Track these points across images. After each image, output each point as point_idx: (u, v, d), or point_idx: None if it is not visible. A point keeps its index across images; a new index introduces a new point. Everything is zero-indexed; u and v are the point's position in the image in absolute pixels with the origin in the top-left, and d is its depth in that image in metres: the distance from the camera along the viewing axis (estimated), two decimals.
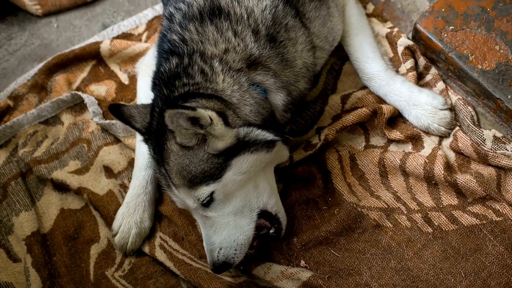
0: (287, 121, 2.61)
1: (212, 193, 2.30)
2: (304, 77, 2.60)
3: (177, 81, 2.37)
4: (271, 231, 2.49)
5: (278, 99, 2.50)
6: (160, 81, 2.44)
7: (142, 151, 2.80)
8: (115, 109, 2.47)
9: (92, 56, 3.32)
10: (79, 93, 3.15)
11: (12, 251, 2.84)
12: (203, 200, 2.30)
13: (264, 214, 2.44)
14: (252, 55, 2.41)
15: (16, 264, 2.81)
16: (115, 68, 3.29)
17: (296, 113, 2.70)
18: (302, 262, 2.54)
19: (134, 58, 3.25)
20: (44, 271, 2.74)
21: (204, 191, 2.29)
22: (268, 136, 2.33)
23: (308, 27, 2.61)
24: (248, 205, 2.39)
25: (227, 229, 2.37)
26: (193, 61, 2.37)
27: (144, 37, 3.37)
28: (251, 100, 2.38)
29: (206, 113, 2.18)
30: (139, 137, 2.83)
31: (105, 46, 3.28)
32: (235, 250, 2.37)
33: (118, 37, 3.40)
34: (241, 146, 2.29)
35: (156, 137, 2.36)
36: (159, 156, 2.36)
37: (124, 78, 3.25)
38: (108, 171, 2.96)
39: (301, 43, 2.56)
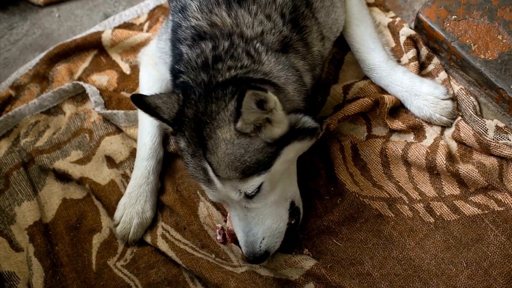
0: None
1: (261, 184, 2.25)
2: (319, 65, 2.62)
3: (219, 64, 2.27)
4: (293, 221, 2.49)
5: (307, 80, 2.49)
6: (190, 68, 2.33)
7: (144, 141, 2.80)
8: (139, 101, 2.29)
9: (94, 46, 3.31)
10: (81, 83, 3.15)
11: (14, 240, 2.85)
12: (252, 192, 2.25)
13: (291, 206, 2.44)
14: (286, 37, 2.40)
15: (19, 253, 2.81)
16: (116, 58, 3.28)
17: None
18: (306, 250, 2.55)
19: (135, 48, 3.24)
20: (47, 261, 2.75)
21: (255, 182, 2.22)
22: (313, 124, 2.33)
23: (316, 17, 2.60)
24: (284, 194, 2.39)
25: (270, 219, 2.35)
26: (234, 43, 2.31)
27: (145, 27, 3.36)
28: (293, 77, 2.36)
29: (273, 97, 2.12)
30: (141, 127, 2.84)
31: (106, 36, 3.28)
32: (277, 238, 2.38)
33: (119, 26, 3.39)
34: (292, 134, 2.26)
35: (195, 126, 2.23)
36: (200, 147, 2.24)
37: (125, 68, 3.24)
38: (110, 161, 2.96)
39: (315, 31, 2.56)
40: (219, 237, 2.65)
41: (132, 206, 2.71)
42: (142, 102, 2.28)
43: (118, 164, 2.94)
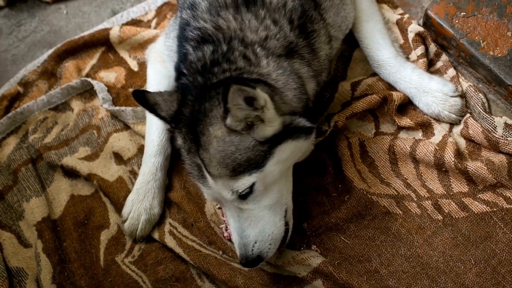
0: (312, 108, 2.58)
1: (253, 184, 2.23)
2: (326, 69, 2.61)
3: (216, 68, 2.28)
4: None
5: (310, 88, 2.47)
6: (191, 70, 2.35)
7: (151, 138, 2.80)
8: (139, 96, 2.34)
9: (102, 43, 3.32)
10: (89, 79, 3.15)
11: (23, 236, 2.86)
12: (242, 192, 2.23)
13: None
14: (291, 42, 2.39)
15: (27, 249, 2.83)
16: (124, 54, 3.29)
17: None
18: (314, 246, 2.55)
19: (143, 45, 3.25)
20: (55, 257, 2.76)
21: (246, 181, 2.21)
22: (307, 123, 2.30)
23: (324, 18, 2.59)
24: (280, 200, 2.35)
25: (262, 222, 2.31)
26: (233, 47, 2.31)
27: (153, 24, 3.36)
28: (294, 84, 2.34)
29: (263, 95, 2.11)
30: (148, 124, 2.85)
31: (114, 33, 3.28)
32: (270, 244, 2.33)
33: (127, 23, 3.40)
34: (285, 134, 2.23)
35: (191, 124, 2.26)
36: (194, 144, 2.26)
37: (133, 65, 3.25)
38: (117, 157, 2.97)
39: (323, 35, 2.55)
40: (226, 234, 2.65)
41: (140, 202, 2.71)
42: (142, 98, 2.32)
43: (126, 161, 2.94)
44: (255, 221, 2.31)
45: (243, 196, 2.24)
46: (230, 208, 2.33)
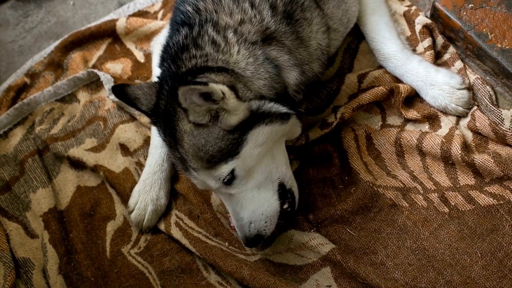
0: (299, 101, 2.57)
1: (233, 170, 2.26)
2: (318, 59, 2.57)
3: (184, 54, 2.30)
4: (285, 206, 2.48)
5: (291, 77, 2.45)
6: (168, 55, 2.37)
7: None
8: (119, 91, 2.39)
9: (108, 34, 3.32)
10: (95, 70, 3.16)
11: (29, 227, 2.87)
12: (224, 179, 2.26)
13: (280, 188, 2.43)
14: (268, 28, 2.37)
15: (34, 240, 2.84)
16: (131, 46, 3.29)
17: (308, 95, 2.67)
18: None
19: (149, 36, 3.25)
20: (61, 247, 2.77)
21: (224, 169, 2.24)
22: (282, 109, 2.29)
23: (322, 8, 2.58)
24: (270, 177, 2.38)
25: (253, 203, 2.35)
26: (204, 31, 2.31)
27: (160, 15, 3.36)
28: (265, 74, 2.33)
29: (218, 88, 2.12)
30: None
31: (121, 24, 3.28)
32: (265, 222, 2.36)
33: (134, 14, 3.40)
34: (255, 119, 2.24)
35: (166, 118, 2.29)
36: (171, 138, 2.30)
37: (139, 56, 3.25)
38: (124, 149, 2.97)
39: (316, 24, 2.53)
40: (232, 223, 2.65)
41: (147, 193, 2.72)
42: (122, 93, 2.37)
43: (132, 152, 2.95)
44: (246, 203, 2.35)
45: (227, 183, 2.29)
46: (222, 195, 2.39)
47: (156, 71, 2.96)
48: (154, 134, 2.81)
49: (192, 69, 2.25)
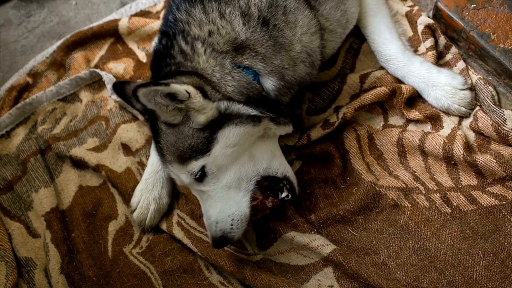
0: (288, 103, 2.57)
1: (203, 167, 2.32)
2: (303, 62, 2.55)
3: (162, 62, 2.40)
4: (284, 194, 2.49)
5: (268, 82, 2.47)
6: (153, 62, 2.49)
7: None
8: (119, 88, 2.47)
9: (110, 34, 3.32)
10: (98, 70, 3.16)
11: (31, 226, 2.87)
12: (196, 175, 2.33)
13: (269, 180, 2.46)
14: (237, 38, 2.39)
15: (36, 239, 2.84)
16: (133, 45, 3.29)
17: (299, 97, 2.69)
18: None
19: (152, 36, 3.25)
20: (63, 247, 2.77)
21: (194, 165, 2.31)
22: (252, 111, 2.34)
23: (317, 9, 2.57)
24: (245, 177, 2.40)
25: (221, 203, 2.38)
26: (175, 41, 2.40)
27: (162, 15, 3.35)
28: (233, 81, 2.37)
29: (182, 87, 2.20)
30: None
31: (123, 24, 3.28)
32: (232, 224, 2.38)
33: (136, 14, 3.40)
34: (223, 119, 2.30)
35: (151, 117, 2.39)
36: (154, 134, 2.41)
37: (142, 56, 3.25)
38: (126, 148, 2.98)
39: (302, 26, 2.51)
40: None
41: (149, 192, 2.72)
42: (121, 90, 2.45)
43: (134, 152, 2.95)
44: (214, 202, 2.39)
45: (199, 179, 2.35)
46: (195, 192, 2.44)
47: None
48: None
49: (167, 73, 2.36)
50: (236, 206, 2.39)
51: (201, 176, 2.34)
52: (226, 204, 2.38)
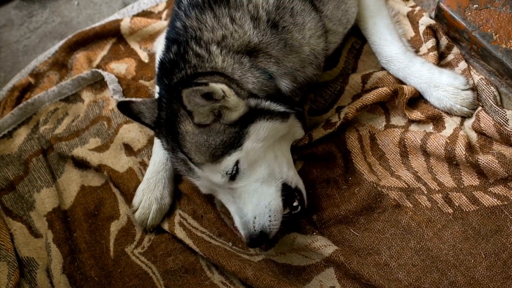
0: (298, 102, 2.60)
1: (237, 162, 2.31)
2: (311, 64, 2.58)
3: (176, 69, 2.38)
4: (295, 203, 2.48)
5: (283, 84, 2.50)
6: (162, 71, 2.46)
7: None
8: (124, 107, 2.50)
9: (112, 34, 3.33)
10: (99, 70, 3.16)
11: (33, 226, 2.88)
12: (231, 171, 2.31)
13: (285, 189, 2.44)
14: (250, 42, 2.40)
15: (38, 239, 2.84)
16: (135, 46, 3.30)
17: (308, 95, 2.69)
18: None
19: (154, 36, 3.26)
20: (65, 247, 2.78)
21: (228, 162, 2.30)
22: (280, 107, 2.36)
23: (321, 10, 2.58)
24: (272, 174, 2.40)
25: (256, 196, 2.37)
26: (189, 47, 2.38)
27: (164, 15, 3.36)
28: (253, 79, 2.38)
29: (218, 86, 2.19)
30: None
31: (125, 24, 3.29)
32: (270, 216, 2.37)
33: (138, 15, 3.41)
34: (255, 114, 2.32)
35: (168, 125, 2.37)
36: (174, 143, 2.37)
37: (144, 56, 3.25)
38: (128, 148, 2.98)
39: (310, 28, 2.53)
40: (236, 225, 2.65)
41: (151, 192, 2.72)
42: (127, 109, 2.49)
43: (136, 152, 2.95)
44: (249, 196, 2.37)
45: (233, 177, 2.33)
46: (224, 194, 2.41)
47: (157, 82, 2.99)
48: None
49: (183, 78, 2.34)
50: (271, 197, 2.39)
51: (235, 173, 2.33)
52: (261, 196, 2.37)
